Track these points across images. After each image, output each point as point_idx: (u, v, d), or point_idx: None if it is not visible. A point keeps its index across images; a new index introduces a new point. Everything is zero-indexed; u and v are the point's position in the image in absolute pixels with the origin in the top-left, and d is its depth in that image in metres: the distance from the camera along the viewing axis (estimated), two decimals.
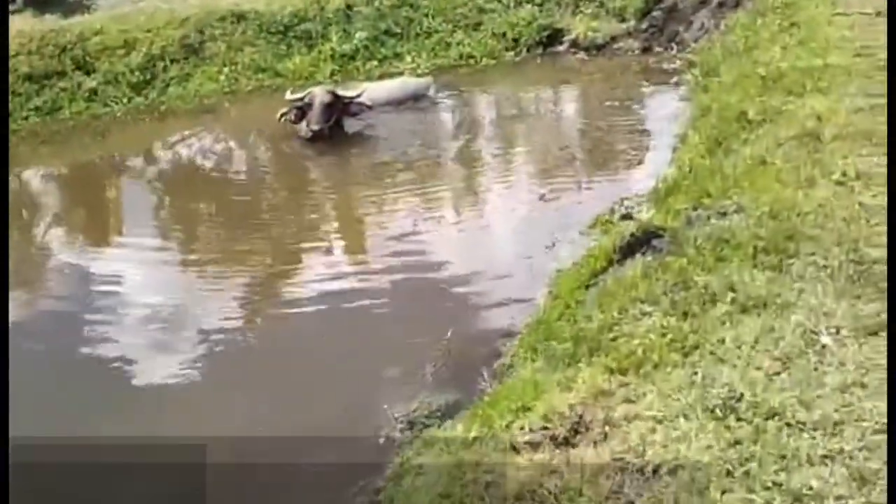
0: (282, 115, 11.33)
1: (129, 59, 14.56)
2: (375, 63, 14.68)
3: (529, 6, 15.25)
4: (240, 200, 9.86)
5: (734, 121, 7.75)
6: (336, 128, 11.17)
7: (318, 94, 11.13)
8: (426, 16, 15.35)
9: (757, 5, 11.88)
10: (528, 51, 14.69)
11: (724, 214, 5.69)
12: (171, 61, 14.75)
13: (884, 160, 5.74)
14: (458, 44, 14.93)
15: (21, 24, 15.05)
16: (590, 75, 13.17)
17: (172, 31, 15.03)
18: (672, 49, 13.34)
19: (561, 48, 14.65)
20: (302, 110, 11.19)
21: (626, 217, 7.06)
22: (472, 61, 14.50)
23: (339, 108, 11.21)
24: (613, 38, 14.09)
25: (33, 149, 12.75)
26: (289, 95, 11.32)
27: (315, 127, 10.87)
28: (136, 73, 14.43)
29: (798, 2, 10.83)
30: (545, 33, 14.79)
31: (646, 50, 13.81)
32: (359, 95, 11.46)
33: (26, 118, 13.74)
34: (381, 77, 14.11)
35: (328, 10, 15.33)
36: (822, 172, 5.80)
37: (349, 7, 15.41)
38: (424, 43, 14.99)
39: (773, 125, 7.08)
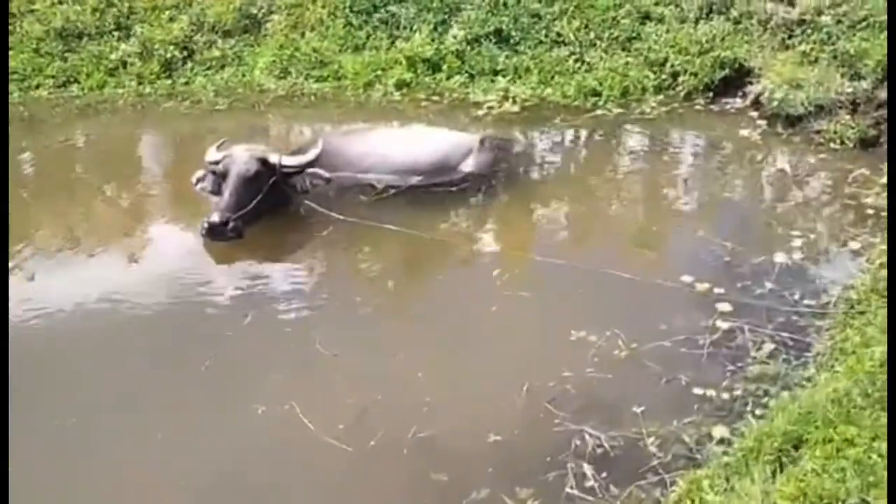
0: (197, 181, 7.50)
1: (172, 27, 11.34)
2: (459, 80, 10.09)
3: (717, 21, 9.67)
4: None
5: None
6: (264, 216, 7.11)
7: (237, 161, 7.12)
8: (563, 15, 10.35)
9: None
10: (686, 97, 9.28)
11: None
12: (222, 34, 11.32)
13: None
14: (587, 68, 9.84)
15: None
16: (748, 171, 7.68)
17: None
18: None
19: (735, 103, 9.06)
20: (219, 179, 7.28)
21: None
22: (592, 102, 9.39)
23: (266, 182, 7.12)
24: (821, 109, 8.23)
25: None
26: (210, 153, 7.40)
27: (214, 218, 6.82)
28: (171, 48, 11.18)
29: None
30: (722, 73, 9.23)
31: (865, 144, 7.86)
32: (310, 163, 7.28)
33: (37, 87, 11.12)
34: (456, 106, 9.67)
35: None
36: None
37: None
38: (542, 58, 10.07)
39: None
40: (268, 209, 7.12)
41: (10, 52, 11.20)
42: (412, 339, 5.53)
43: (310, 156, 7.32)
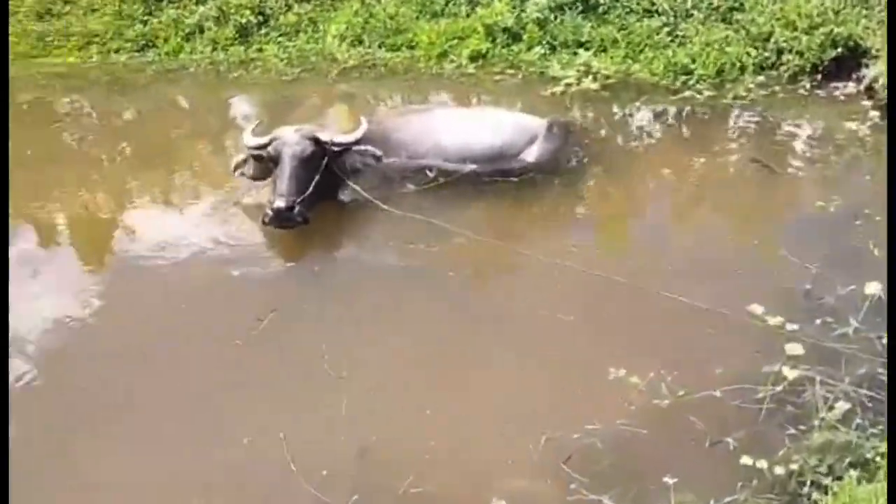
0: (236, 167, 7.03)
1: None
2: (539, 52, 9.28)
3: None
4: None
5: None
6: (326, 202, 6.66)
7: (288, 142, 6.61)
8: None
9: None
10: (790, 79, 8.18)
11: None
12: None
13: None
14: (680, 41, 8.86)
15: None
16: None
17: None
18: None
19: (846, 88, 7.93)
20: (267, 164, 6.81)
21: None
22: (682, 81, 8.42)
23: (321, 162, 6.59)
24: None
25: None
26: (247, 138, 6.94)
27: (280, 203, 6.31)
28: (247, 12, 10.79)
29: None
30: (833, 52, 8.09)
31: None
32: (359, 140, 6.76)
33: (117, 51, 10.94)
34: (532, 81, 8.89)
35: None
36: None
37: None
38: (631, 29, 9.13)
39: None
40: (323, 193, 6.63)
41: (94, 15, 11.12)
42: (428, 365, 4.96)
43: (359, 132, 6.80)
